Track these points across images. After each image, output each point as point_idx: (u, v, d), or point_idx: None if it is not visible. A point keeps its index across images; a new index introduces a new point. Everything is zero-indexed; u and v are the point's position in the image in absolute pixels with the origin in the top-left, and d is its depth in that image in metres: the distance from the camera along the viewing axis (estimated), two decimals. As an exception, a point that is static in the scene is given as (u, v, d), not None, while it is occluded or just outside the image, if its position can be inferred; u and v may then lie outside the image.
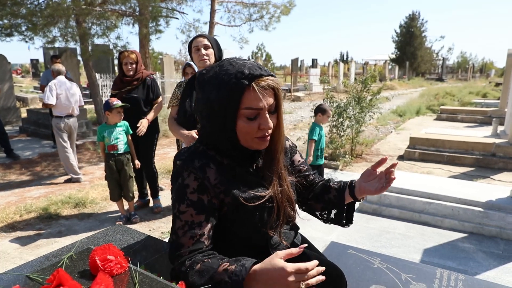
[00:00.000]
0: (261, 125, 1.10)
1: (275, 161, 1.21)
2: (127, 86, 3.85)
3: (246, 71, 1.05)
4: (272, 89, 1.09)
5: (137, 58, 3.87)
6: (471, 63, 49.63)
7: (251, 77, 1.05)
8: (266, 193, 1.17)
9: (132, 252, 1.60)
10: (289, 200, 1.25)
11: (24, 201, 4.42)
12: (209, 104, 1.10)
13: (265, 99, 1.08)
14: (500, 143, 6.04)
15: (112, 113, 3.54)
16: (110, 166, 3.62)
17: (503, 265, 2.93)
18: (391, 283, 1.71)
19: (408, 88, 25.19)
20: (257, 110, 1.08)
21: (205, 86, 1.12)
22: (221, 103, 1.07)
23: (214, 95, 1.08)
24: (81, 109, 8.44)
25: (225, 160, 1.17)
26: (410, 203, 3.83)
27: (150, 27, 8.52)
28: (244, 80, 1.05)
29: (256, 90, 1.05)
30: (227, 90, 1.05)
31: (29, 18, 7.11)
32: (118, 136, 3.61)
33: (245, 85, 1.05)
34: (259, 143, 1.14)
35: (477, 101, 14.34)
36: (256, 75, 1.06)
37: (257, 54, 41.23)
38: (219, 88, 1.07)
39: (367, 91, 6.13)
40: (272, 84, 1.08)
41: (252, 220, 1.15)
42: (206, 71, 1.15)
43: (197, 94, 1.17)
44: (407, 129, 9.47)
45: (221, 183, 1.12)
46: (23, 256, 3.18)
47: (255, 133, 1.11)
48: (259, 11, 9.87)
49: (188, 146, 1.24)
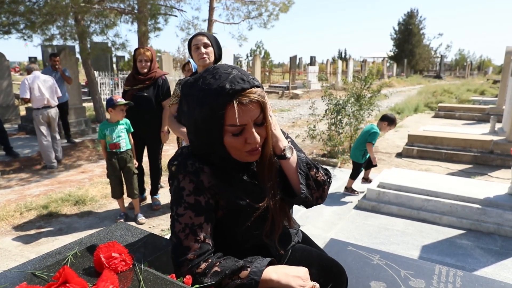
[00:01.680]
0: (248, 140, 1.07)
1: (266, 172, 1.17)
2: (139, 84, 3.83)
3: (227, 86, 1.01)
4: (255, 102, 1.04)
5: (152, 56, 3.85)
6: (469, 61, 49.71)
7: (232, 93, 1.00)
8: (260, 205, 1.15)
9: (135, 249, 1.62)
10: (283, 211, 1.24)
11: (24, 199, 4.43)
12: (194, 121, 1.08)
13: (249, 114, 1.04)
14: (498, 140, 6.07)
15: (115, 110, 3.53)
16: (113, 164, 3.62)
17: (500, 261, 2.96)
18: (390, 279, 1.73)
19: (406, 86, 25.23)
20: (241, 126, 1.04)
21: (189, 100, 1.09)
22: (206, 121, 1.04)
23: (198, 112, 1.05)
24: (80, 107, 8.46)
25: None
26: (409, 200, 3.85)
27: (149, 25, 8.52)
28: (226, 97, 1.00)
29: (238, 106, 1.01)
30: (210, 109, 1.02)
31: (27, 16, 7.09)
32: (120, 134, 3.61)
33: (227, 102, 1.01)
34: (249, 156, 1.11)
35: (475, 99, 14.38)
36: (238, 89, 1.01)
37: (255, 51, 41.18)
38: (202, 105, 1.04)
39: (367, 89, 6.14)
40: (255, 98, 1.03)
41: (247, 226, 1.15)
42: (191, 82, 1.11)
43: (182, 106, 1.13)
44: (405, 127, 9.50)
45: (215, 187, 1.12)
46: (24, 253, 3.19)
47: (243, 148, 1.09)
48: (258, 9, 9.88)
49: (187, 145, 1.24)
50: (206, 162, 1.13)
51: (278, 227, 1.21)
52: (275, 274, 1.09)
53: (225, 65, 1.10)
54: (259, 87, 1.07)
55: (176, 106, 2.97)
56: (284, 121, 10.63)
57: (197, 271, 1.06)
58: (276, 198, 1.19)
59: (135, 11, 8.31)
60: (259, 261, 1.10)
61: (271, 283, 1.08)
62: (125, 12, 8.43)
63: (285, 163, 1.20)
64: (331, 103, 6.05)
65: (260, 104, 1.06)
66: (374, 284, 1.70)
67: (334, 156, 5.97)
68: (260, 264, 1.08)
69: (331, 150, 6.07)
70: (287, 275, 1.10)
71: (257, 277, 1.04)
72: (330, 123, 6.20)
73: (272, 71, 28.03)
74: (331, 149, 6.06)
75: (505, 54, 9.52)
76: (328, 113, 6.11)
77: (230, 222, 1.16)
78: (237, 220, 1.16)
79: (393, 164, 6.00)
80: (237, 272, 1.06)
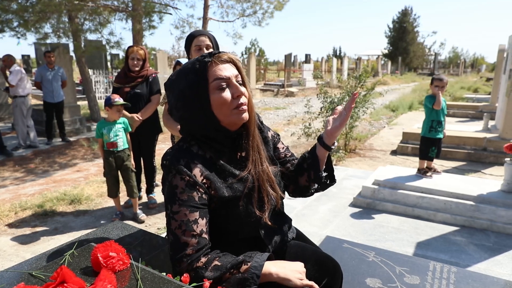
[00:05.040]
0: (234, 93, 1.16)
1: (250, 134, 1.25)
2: (131, 82, 3.83)
3: (205, 54, 1.17)
4: (232, 63, 1.19)
5: (145, 56, 3.85)
6: (463, 58, 49.85)
7: (210, 55, 1.16)
8: (245, 171, 1.22)
9: (131, 248, 1.62)
10: (270, 180, 1.27)
11: (19, 198, 4.41)
12: (181, 93, 1.18)
13: (228, 70, 1.17)
14: (491, 137, 6.13)
15: (112, 110, 3.52)
16: (110, 163, 3.61)
17: (493, 257, 3.00)
18: (385, 276, 1.75)
19: (401, 83, 25.32)
20: (224, 79, 1.15)
21: (173, 83, 1.21)
22: (191, 85, 1.15)
23: (183, 82, 1.17)
24: (75, 105, 8.41)
25: (208, 153, 1.20)
26: (403, 198, 3.88)
27: (144, 22, 8.47)
28: (204, 59, 1.15)
29: (218, 63, 1.16)
30: (193, 73, 1.15)
31: (20, 13, 7.03)
32: (118, 133, 3.60)
33: (208, 62, 1.15)
34: (238, 114, 1.17)
35: (468, 96, 14.46)
36: (215, 53, 1.17)
37: (250, 49, 41.09)
38: (186, 75, 1.17)
39: (361, 87, 6.17)
40: (230, 56, 1.19)
41: (240, 211, 1.19)
42: (172, 75, 1.24)
43: (168, 97, 1.24)
44: (400, 124, 9.55)
45: (207, 178, 1.15)
46: (19, 253, 3.18)
47: (231, 104, 1.16)
48: (253, 6, 9.85)
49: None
50: (196, 155, 1.17)
51: (267, 197, 1.24)
52: (274, 268, 1.13)
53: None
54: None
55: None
56: (280, 119, 10.64)
57: (197, 264, 1.09)
58: (262, 167, 1.26)
59: (129, 9, 8.26)
60: (258, 256, 1.13)
61: (270, 277, 1.12)
62: (119, 9, 8.37)
63: (321, 151, 1.34)
64: (326, 101, 6.07)
65: (235, 63, 1.20)
66: (369, 281, 1.71)
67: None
68: (260, 259, 1.11)
69: (326, 148, 6.08)
70: (285, 269, 1.14)
71: (257, 272, 1.08)
72: (325, 120, 6.22)
73: (267, 69, 28.02)
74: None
75: (498, 52, 9.58)
76: (323, 111, 6.14)
77: (223, 212, 1.19)
78: (228, 209, 1.18)
79: (388, 161, 6.03)
80: (237, 266, 1.09)
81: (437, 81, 4.16)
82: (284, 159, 1.44)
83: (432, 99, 4.16)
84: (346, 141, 6.54)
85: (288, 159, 1.45)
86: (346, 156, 6.22)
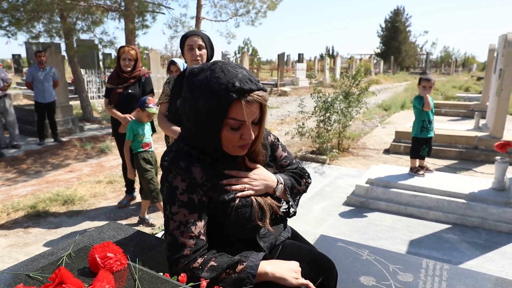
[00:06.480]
0: (243, 136, 1.14)
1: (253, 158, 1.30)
2: (123, 82, 3.81)
3: (237, 84, 1.06)
4: (258, 103, 1.12)
5: (137, 56, 3.83)
6: (454, 58, 50.33)
7: (241, 92, 1.07)
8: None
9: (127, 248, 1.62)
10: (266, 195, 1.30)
11: (11, 199, 4.37)
12: (196, 109, 1.11)
13: (251, 113, 1.11)
14: (482, 136, 6.21)
15: (143, 114, 3.48)
16: (149, 161, 3.59)
17: (484, 254, 3.05)
18: (379, 274, 1.77)
19: (393, 82, 25.48)
20: (241, 121, 1.11)
21: (194, 89, 1.12)
22: (208, 111, 1.09)
23: (202, 102, 1.09)
24: (67, 105, 8.34)
25: (208, 159, 1.21)
26: (396, 196, 3.92)
27: (136, 22, 8.44)
28: (234, 93, 1.06)
29: (244, 104, 1.08)
30: (216, 100, 1.07)
31: (11, 12, 6.96)
32: (149, 134, 3.64)
33: (234, 99, 1.06)
34: (239, 150, 1.19)
35: (460, 95, 14.60)
36: (246, 89, 1.07)
37: (243, 49, 41.07)
38: (208, 97, 1.08)
39: (356, 86, 6.21)
40: (259, 100, 1.11)
41: (239, 216, 1.19)
42: (197, 71, 1.15)
43: (185, 93, 1.17)
44: (392, 123, 9.62)
45: (208, 180, 1.16)
46: (12, 254, 3.16)
47: (237, 142, 1.15)
48: (246, 6, 9.87)
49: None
50: (196, 158, 1.17)
51: (267, 208, 1.26)
52: (269, 267, 1.13)
53: (234, 63, 1.16)
54: (264, 91, 1.14)
55: (166, 105, 2.94)
56: (273, 119, 10.66)
57: (193, 265, 1.09)
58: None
59: (122, 8, 8.21)
60: (254, 255, 1.14)
61: (266, 276, 1.12)
62: (112, 9, 8.33)
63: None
64: (320, 101, 6.10)
65: (261, 105, 1.14)
66: (363, 279, 1.73)
67: (323, 153, 6.02)
68: (256, 259, 1.12)
69: (320, 147, 6.12)
70: (281, 268, 1.15)
71: (253, 271, 1.09)
72: (319, 120, 6.25)
73: (260, 68, 28.04)
74: (320, 146, 6.11)
75: (488, 52, 9.69)
76: (317, 110, 6.16)
77: (221, 214, 1.19)
78: (226, 211, 1.19)
79: (381, 160, 6.08)
80: (233, 266, 1.10)
81: (424, 82, 4.22)
82: (280, 169, 1.46)
83: (422, 101, 4.22)
84: (339, 140, 6.58)
85: (286, 168, 1.47)
86: (340, 155, 6.26)
